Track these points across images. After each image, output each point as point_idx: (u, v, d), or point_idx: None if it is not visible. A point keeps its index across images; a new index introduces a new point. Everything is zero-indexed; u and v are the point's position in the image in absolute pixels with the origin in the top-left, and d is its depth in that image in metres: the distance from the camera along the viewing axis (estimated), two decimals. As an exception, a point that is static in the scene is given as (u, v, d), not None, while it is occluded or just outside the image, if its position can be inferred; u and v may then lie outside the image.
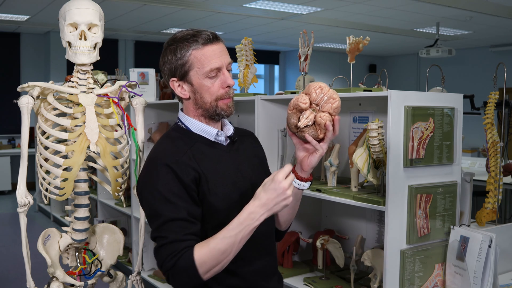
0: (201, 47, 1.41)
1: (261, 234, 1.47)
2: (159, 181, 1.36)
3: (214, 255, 1.29)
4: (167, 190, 1.35)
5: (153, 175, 1.38)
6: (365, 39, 2.19)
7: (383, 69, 2.63)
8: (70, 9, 1.90)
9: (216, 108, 1.45)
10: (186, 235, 1.32)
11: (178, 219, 1.33)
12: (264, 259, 1.52)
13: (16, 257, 4.77)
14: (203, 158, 1.42)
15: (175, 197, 1.34)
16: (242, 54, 2.86)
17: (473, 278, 1.92)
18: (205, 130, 1.48)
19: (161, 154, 1.41)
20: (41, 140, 1.94)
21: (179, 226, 1.32)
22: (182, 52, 1.42)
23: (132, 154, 2.96)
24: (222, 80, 1.44)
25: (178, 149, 1.41)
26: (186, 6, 6.82)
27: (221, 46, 1.45)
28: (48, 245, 2.02)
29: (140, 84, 3.76)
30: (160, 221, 1.34)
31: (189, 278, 1.30)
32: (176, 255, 1.29)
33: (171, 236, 1.32)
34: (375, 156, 2.02)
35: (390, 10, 7.01)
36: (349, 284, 2.33)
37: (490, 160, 2.28)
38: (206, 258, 1.29)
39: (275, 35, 9.28)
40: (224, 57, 1.44)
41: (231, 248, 1.29)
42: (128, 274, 2.79)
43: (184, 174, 1.36)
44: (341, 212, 2.70)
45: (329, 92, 1.42)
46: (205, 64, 1.41)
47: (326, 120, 1.40)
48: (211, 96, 1.44)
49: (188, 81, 1.45)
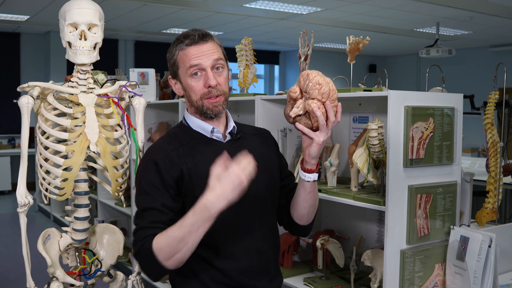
0: (185, 48, 1.49)
1: (250, 233, 1.51)
2: (143, 175, 1.48)
3: (170, 242, 1.32)
4: (148, 182, 1.45)
5: (141, 169, 1.51)
6: (365, 39, 2.19)
7: (383, 69, 2.63)
8: (70, 9, 1.90)
9: (202, 107, 1.51)
10: (152, 223, 1.39)
11: (150, 208, 1.41)
12: (253, 258, 1.53)
13: (16, 257, 4.77)
14: (196, 155, 1.49)
15: (152, 189, 1.43)
16: (242, 54, 2.86)
17: (473, 278, 1.92)
18: (202, 126, 1.55)
19: (152, 150, 1.52)
20: (41, 140, 1.94)
21: (149, 215, 1.41)
22: (172, 52, 1.52)
23: (132, 154, 2.95)
24: (204, 80, 1.48)
25: (168, 146, 1.50)
26: (186, 6, 6.82)
27: (208, 47, 1.49)
28: (48, 245, 2.02)
29: (140, 84, 3.77)
30: (138, 210, 1.45)
31: (151, 264, 1.35)
32: (140, 241, 1.37)
33: (140, 223, 1.41)
34: (375, 156, 2.02)
35: (390, 10, 7.01)
36: (349, 284, 2.33)
37: (490, 160, 2.28)
38: (163, 245, 1.32)
39: (275, 35, 9.28)
40: (208, 57, 1.47)
41: (189, 237, 1.29)
42: (128, 274, 2.79)
43: (167, 170, 1.44)
44: (341, 212, 2.70)
45: (315, 78, 1.38)
46: (186, 63, 1.49)
47: (313, 107, 1.37)
48: (196, 95, 1.50)
49: (178, 79, 1.54)
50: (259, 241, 1.54)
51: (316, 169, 1.49)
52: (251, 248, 1.52)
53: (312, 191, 1.53)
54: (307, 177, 1.49)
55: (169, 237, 1.32)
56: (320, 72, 1.43)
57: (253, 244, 1.53)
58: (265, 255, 1.57)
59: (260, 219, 1.55)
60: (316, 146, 1.42)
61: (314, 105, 1.37)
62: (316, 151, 1.44)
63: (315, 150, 1.44)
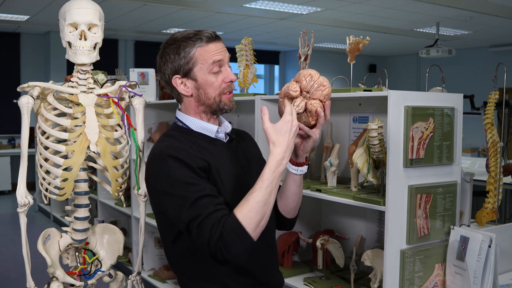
0: (205, 44, 1.47)
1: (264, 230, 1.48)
2: (172, 171, 1.37)
3: (256, 208, 1.30)
4: (183, 175, 1.36)
5: (164, 168, 1.38)
6: (365, 39, 2.19)
7: (383, 69, 2.63)
8: (70, 9, 1.90)
9: (219, 103, 1.50)
10: (217, 205, 1.33)
11: (203, 195, 1.33)
12: (267, 254, 1.57)
13: (16, 257, 4.77)
14: (207, 153, 1.46)
15: (192, 179, 1.36)
16: (242, 54, 2.86)
17: (473, 278, 1.92)
18: (206, 127, 1.53)
19: (166, 149, 1.42)
20: (41, 140, 1.94)
21: (208, 202, 1.33)
22: (186, 50, 1.47)
23: (132, 154, 2.95)
24: (225, 75, 1.50)
25: (182, 144, 1.44)
26: (186, 6, 6.82)
27: (222, 45, 1.52)
28: (48, 245, 2.02)
29: (140, 84, 3.76)
30: (187, 205, 1.33)
31: (240, 240, 1.28)
32: (218, 224, 1.29)
33: (204, 211, 1.31)
34: (375, 156, 2.02)
35: (390, 10, 7.01)
36: (349, 284, 2.33)
37: (490, 160, 2.28)
38: (249, 214, 1.29)
39: (275, 35, 9.28)
40: (225, 53, 1.51)
41: (269, 197, 1.32)
42: (128, 274, 2.79)
43: (193, 162, 1.39)
44: (341, 212, 2.70)
45: (319, 80, 1.44)
46: (208, 59, 1.47)
47: (317, 107, 1.43)
48: (215, 91, 1.49)
49: (192, 77, 1.49)
50: (268, 235, 1.57)
51: (306, 162, 1.55)
52: (266, 244, 1.56)
53: (300, 184, 1.60)
54: (299, 170, 1.54)
55: (254, 203, 1.30)
56: (316, 72, 1.47)
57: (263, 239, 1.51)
58: (274, 250, 1.63)
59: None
60: (312, 142, 1.49)
61: (318, 105, 1.43)
62: (311, 146, 1.51)
63: (310, 146, 1.51)
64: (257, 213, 1.30)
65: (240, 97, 2.78)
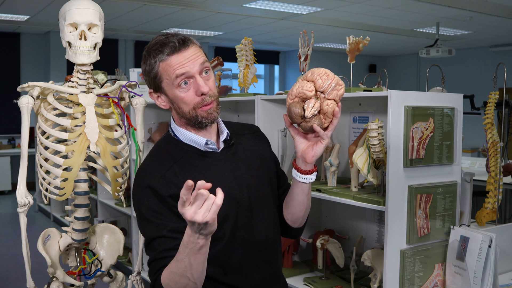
0: (166, 58, 1.34)
1: (256, 245, 1.44)
2: (141, 202, 1.38)
3: (174, 278, 1.25)
4: (148, 209, 1.35)
5: (136, 197, 1.41)
6: (365, 39, 2.19)
7: (383, 69, 2.63)
8: (70, 9, 1.90)
9: (196, 117, 1.38)
10: (163, 252, 1.31)
11: (158, 236, 1.32)
12: (262, 271, 1.47)
13: (16, 257, 4.77)
14: (193, 172, 1.37)
15: (155, 215, 1.34)
16: (242, 54, 2.86)
17: (473, 278, 1.92)
18: (194, 140, 1.42)
19: (145, 173, 1.40)
20: (41, 140, 1.94)
21: (159, 243, 1.32)
22: (151, 64, 1.37)
23: (132, 154, 2.95)
24: (196, 88, 1.35)
25: (162, 166, 1.39)
26: (186, 6, 6.82)
27: (191, 52, 1.35)
28: (48, 245, 2.02)
29: (140, 84, 3.76)
30: (145, 240, 1.37)
31: None
32: (154, 275, 1.33)
33: (151, 254, 1.35)
34: (375, 156, 2.02)
35: (390, 10, 7.01)
36: (349, 284, 2.33)
37: (490, 160, 2.28)
38: (169, 281, 1.27)
39: (275, 35, 9.27)
40: (193, 63, 1.34)
41: (189, 271, 1.21)
42: (128, 274, 2.79)
43: (164, 189, 1.34)
44: (341, 212, 2.70)
45: (335, 79, 1.34)
46: (171, 74, 1.34)
47: (334, 107, 1.32)
48: (188, 106, 1.37)
49: (163, 92, 1.40)
50: (265, 250, 1.49)
51: (315, 169, 1.44)
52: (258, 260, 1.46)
53: (309, 193, 1.50)
54: (308, 179, 1.43)
55: (172, 273, 1.26)
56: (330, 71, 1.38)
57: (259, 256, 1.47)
58: (274, 264, 1.52)
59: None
60: (324, 146, 1.38)
61: (334, 106, 1.33)
62: (322, 151, 1.39)
63: (321, 150, 1.39)
64: (176, 283, 1.25)
65: (240, 97, 2.78)
